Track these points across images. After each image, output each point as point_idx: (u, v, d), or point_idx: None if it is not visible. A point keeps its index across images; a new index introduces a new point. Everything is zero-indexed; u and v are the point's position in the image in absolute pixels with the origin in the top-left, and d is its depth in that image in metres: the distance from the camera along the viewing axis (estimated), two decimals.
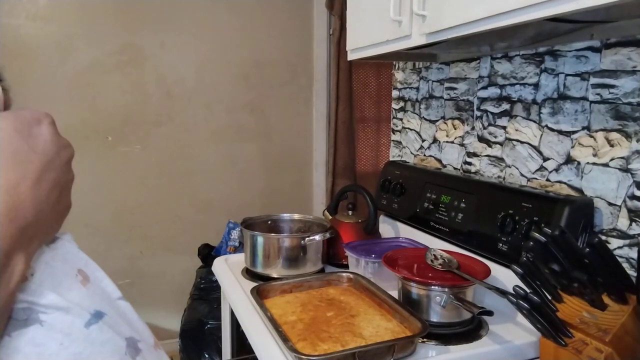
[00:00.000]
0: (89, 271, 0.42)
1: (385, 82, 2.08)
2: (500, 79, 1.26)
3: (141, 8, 2.05)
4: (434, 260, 1.06)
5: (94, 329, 0.37)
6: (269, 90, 2.21)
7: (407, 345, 0.90)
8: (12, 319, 0.34)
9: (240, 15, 2.16)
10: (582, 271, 0.74)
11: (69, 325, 0.36)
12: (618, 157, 0.96)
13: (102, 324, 0.38)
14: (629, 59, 0.94)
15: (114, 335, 0.39)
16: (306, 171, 2.33)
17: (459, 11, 0.87)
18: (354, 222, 1.44)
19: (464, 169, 1.40)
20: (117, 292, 0.43)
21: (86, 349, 0.36)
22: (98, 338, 0.37)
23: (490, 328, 1.00)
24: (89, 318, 0.38)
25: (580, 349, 0.79)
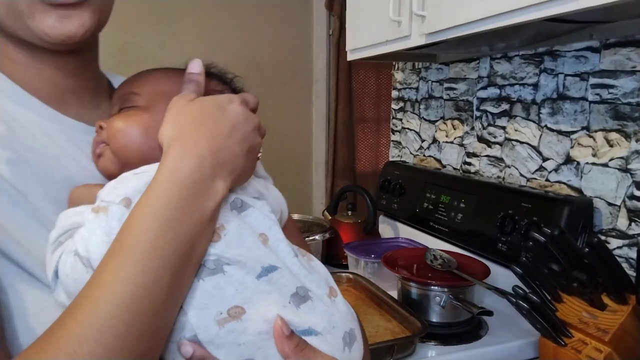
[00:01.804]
0: (271, 234, 0.52)
1: (384, 82, 2.08)
2: (499, 79, 1.26)
3: (141, 8, 2.05)
4: (434, 260, 1.06)
5: (263, 281, 0.47)
6: (269, 91, 2.21)
7: (406, 345, 0.90)
8: (204, 267, 0.46)
9: (239, 16, 2.16)
10: (582, 271, 0.74)
11: (243, 276, 0.47)
12: (617, 157, 0.96)
13: (271, 277, 0.48)
14: (628, 59, 0.94)
15: (281, 286, 0.48)
16: (306, 171, 2.33)
17: (459, 11, 0.87)
18: (354, 222, 1.44)
19: (464, 169, 1.40)
20: (292, 252, 0.52)
21: (254, 295, 0.46)
22: (265, 288, 0.47)
23: (489, 328, 1.00)
24: (260, 271, 0.48)
25: (579, 349, 0.79)
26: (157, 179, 0.45)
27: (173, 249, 0.43)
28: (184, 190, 0.44)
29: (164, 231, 0.42)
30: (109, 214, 0.45)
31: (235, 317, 0.45)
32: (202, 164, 0.46)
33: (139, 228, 0.42)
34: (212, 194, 0.46)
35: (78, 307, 0.40)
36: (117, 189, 0.47)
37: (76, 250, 0.44)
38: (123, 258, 0.41)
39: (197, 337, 0.44)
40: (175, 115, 0.49)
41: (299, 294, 0.49)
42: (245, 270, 0.47)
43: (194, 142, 0.46)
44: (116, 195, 0.47)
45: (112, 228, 0.44)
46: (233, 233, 0.48)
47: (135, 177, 0.48)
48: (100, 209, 0.46)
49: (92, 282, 0.41)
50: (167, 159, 0.45)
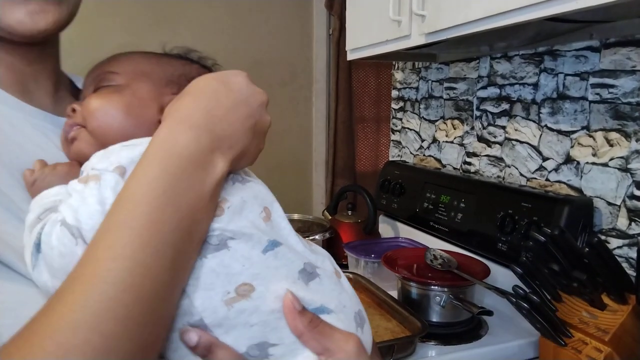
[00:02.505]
0: (273, 210, 0.49)
1: (384, 82, 2.08)
2: (499, 78, 1.26)
3: (141, 8, 2.05)
4: (434, 260, 1.06)
5: (270, 255, 0.45)
6: (269, 90, 2.20)
7: (406, 345, 0.90)
8: (207, 243, 0.43)
9: (239, 15, 2.16)
10: (582, 271, 0.74)
11: (249, 251, 0.44)
12: (617, 156, 0.96)
13: (277, 252, 0.45)
14: (628, 59, 0.94)
15: (288, 261, 0.46)
16: (306, 171, 2.33)
17: (458, 11, 0.87)
18: (354, 222, 1.44)
19: (464, 168, 1.40)
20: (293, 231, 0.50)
21: (262, 271, 0.44)
22: (273, 263, 0.44)
23: (489, 328, 1.00)
24: (266, 245, 0.45)
25: (579, 349, 0.79)
26: (151, 150, 0.41)
27: (174, 223, 0.39)
28: (181, 161, 0.41)
29: (163, 204, 0.39)
30: (101, 182, 0.42)
31: (244, 295, 0.42)
32: (199, 134, 0.42)
33: (135, 200, 0.39)
34: (210, 168, 0.42)
35: (69, 288, 0.36)
36: (109, 158, 0.44)
37: (63, 220, 0.40)
38: (119, 233, 0.37)
39: (204, 321, 0.41)
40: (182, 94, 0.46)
41: (306, 270, 0.46)
42: (251, 244, 0.44)
43: (190, 114, 0.43)
44: (109, 163, 0.43)
45: (105, 197, 0.41)
46: (237, 204, 0.45)
47: (125, 148, 0.45)
48: (91, 178, 0.42)
49: (84, 259, 0.37)
50: (161, 130, 0.43)
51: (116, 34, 2.03)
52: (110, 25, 2.01)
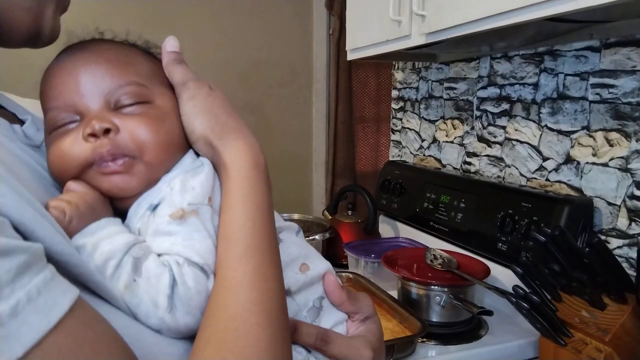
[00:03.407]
0: None
1: (384, 82, 2.08)
2: (499, 78, 1.26)
3: (141, 9, 2.05)
4: (434, 260, 1.06)
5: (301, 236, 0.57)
6: (269, 90, 2.21)
7: (406, 345, 0.90)
8: None
9: (239, 15, 2.16)
10: (582, 271, 0.74)
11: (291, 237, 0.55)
12: (617, 156, 0.96)
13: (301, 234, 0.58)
14: (628, 59, 0.94)
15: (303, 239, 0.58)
16: (306, 171, 2.33)
17: (459, 11, 0.87)
18: (354, 222, 1.44)
19: (464, 168, 1.40)
20: None
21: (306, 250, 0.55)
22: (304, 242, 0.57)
23: (490, 328, 1.00)
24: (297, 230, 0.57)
25: (579, 349, 0.79)
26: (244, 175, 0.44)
27: (274, 234, 0.45)
28: (267, 185, 0.46)
29: (270, 226, 0.44)
30: (201, 216, 0.43)
31: (306, 270, 0.52)
32: (263, 158, 0.47)
33: (253, 226, 0.43)
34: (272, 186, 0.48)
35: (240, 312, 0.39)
36: (195, 189, 0.44)
37: (189, 260, 0.41)
38: (260, 256, 0.42)
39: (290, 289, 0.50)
40: (206, 107, 0.46)
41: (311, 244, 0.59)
42: (290, 232, 0.54)
43: (250, 136, 0.47)
44: (201, 196, 0.44)
45: (209, 230, 0.43)
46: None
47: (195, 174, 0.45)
48: (188, 214, 0.42)
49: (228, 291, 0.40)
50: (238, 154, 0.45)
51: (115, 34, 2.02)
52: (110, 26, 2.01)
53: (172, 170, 0.46)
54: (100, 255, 0.40)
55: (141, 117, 0.44)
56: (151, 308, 0.39)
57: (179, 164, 0.46)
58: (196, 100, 0.46)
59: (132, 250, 0.41)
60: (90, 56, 0.46)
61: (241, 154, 0.45)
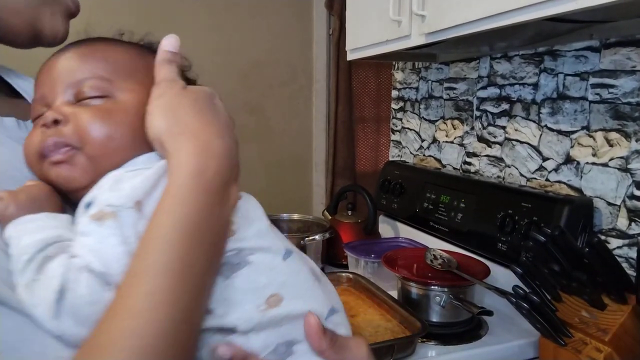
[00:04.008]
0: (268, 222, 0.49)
1: (384, 82, 2.07)
2: (499, 79, 1.26)
3: (140, 10, 2.05)
4: (434, 260, 1.06)
5: (290, 261, 0.46)
6: (269, 90, 2.21)
7: (406, 345, 0.90)
8: (227, 264, 0.42)
9: (239, 15, 2.16)
10: (582, 271, 0.74)
11: (271, 261, 0.45)
12: (617, 157, 0.96)
13: (293, 257, 0.47)
14: (628, 59, 0.94)
15: (303, 265, 0.47)
16: (306, 171, 2.33)
17: (459, 11, 0.87)
18: (354, 222, 1.44)
19: (464, 169, 1.40)
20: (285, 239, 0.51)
21: (288, 278, 0.45)
22: (294, 268, 0.46)
23: (489, 328, 1.00)
24: (284, 252, 0.46)
25: (579, 349, 0.79)
26: (179, 183, 0.39)
27: (205, 261, 0.38)
28: (210, 197, 0.39)
29: (192, 245, 0.38)
30: (119, 220, 0.39)
31: (275, 305, 0.43)
32: (222, 165, 0.41)
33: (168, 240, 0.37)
34: (229, 198, 0.42)
35: (116, 340, 0.34)
36: (123, 191, 0.41)
37: (88, 266, 0.38)
38: (156, 278, 0.36)
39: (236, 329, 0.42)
40: (170, 106, 0.42)
41: (315, 272, 0.48)
42: (271, 255, 0.45)
43: (208, 140, 0.41)
44: (126, 197, 0.40)
45: (127, 237, 0.39)
46: (243, 222, 0.45)
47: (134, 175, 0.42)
48: (107, 216, 0.39)
49: (119, 308, 0.35)
50: (183, 158, 0.40)
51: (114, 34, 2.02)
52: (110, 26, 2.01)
53: (120, 168, 0.44)
54: (16, 249, 0.39)
55: (92, 110, 0.44)
56: (44, 311, 0.37)
57: (131, 162, 0.44)
58: (161, 99, 0.43)
59: (49, 248, 0.39)
60: (67, 52, 0.47)
61: (184, 159, 0.40)
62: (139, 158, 0.44)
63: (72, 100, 0.45)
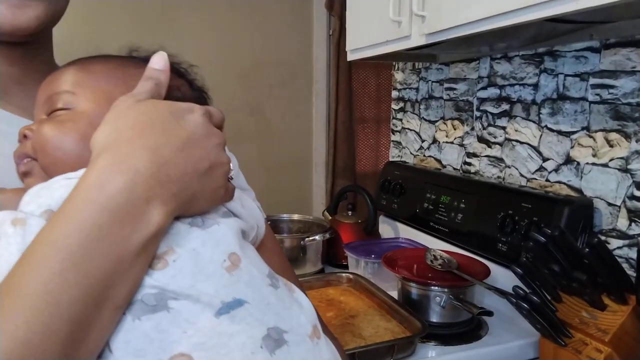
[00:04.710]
0: (243, 256, 0.42)
1: (384, 82, 2.08)
2: (499, 79, 1.26)
3: (140, 10, 2.05)
4: (434, 260, 1.06)
5: (224, 319, 0.37)
6: (269, 91, 2.21)
7: (406, 345, 0.90)
8: (142, 303, 0.36)
9: (239, 16, 2.16)
10: (582, 271, 0.74)
11: (195, 314, 0.37)
12: (617, 157, 0.96)
13: (236, 314, 0.38)
14: (628, 60, 0.94)
15: (250, 325, 0.38)
16: (306, 171, 2.33)
17: (459, 12, 0.87)
18: (354, 222, 1.44)
19: (464, 169, 1.40)
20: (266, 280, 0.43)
21: (211, 339, 0.37)
22: (227, 329, 0.37)
23: (490, 328, 1.00)
24: (221, 307, 0.38)
25: (579, 349, 0.79)
26: (72, 196, 0.35)
27: (74, 294, 0.32)
28: (103, 216, 0.34)
29: (64, 270, 0.32)
30: (26, 228, 0.36)
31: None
32: (135, 180, 0.35)
33: (34, 262, 0.33)
34: (143, 222, 0.35)
35: None
36: (41, 198, 0.38)
37: None
38: (9, 300, 0.32)
39: None
40: (114, 117, 0.40)
41: (271, 336, 0.39)
42: (200, 307, 0.37)
43: (129, 153, 0.36)
44: (37, 205, 0.38)
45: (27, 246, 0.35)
46: (186, 258, 0.38)
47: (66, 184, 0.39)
48: (18, 222, 0.37)
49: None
50: (90, 171, 0.36)
51: (114, 35, 2.03)
52: (110, 26, 2.01)
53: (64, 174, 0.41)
54: None
55: (48, 122, 0.45)
56: None
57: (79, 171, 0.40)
58: (111, 111, 0.40)
59: None
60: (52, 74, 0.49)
61: (90, 171, 0.36)
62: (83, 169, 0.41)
63: (44, 116, 0.47)
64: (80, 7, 1.98)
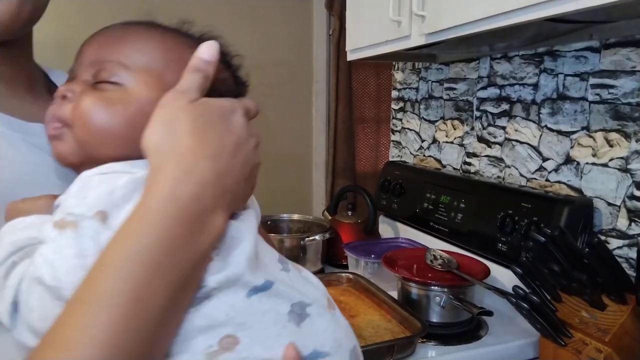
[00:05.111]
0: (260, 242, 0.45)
1: (384, 82, 2.08)
2: (499, 79, 1.26)
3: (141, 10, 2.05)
4: (434, 260, 1.06)
5: (255, 299, 0.40)
6: (269, 90, 2.21)
7: (406, 345, 0.90)
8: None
9: (239, 15, 2.16)
10: (582, 271, 0.74)
11: (232, 297, 0.40)
12: (617, 157, 0.96)
13: (263, 294, 0.41)
14: (628, 59, 0.94)
15: (276, 303, 0.42)
16: (306, 171, 2.33)
17: (458, 11, 0.87)
18: (354, 222, 1.44)
19: (464, 169, 1.40)
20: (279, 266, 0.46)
21: (248, 319, 0.40)
22: (258, 308, 0.40)
23: (489, 328, 1.00)
24: (250, 289, 0.41)
25: (579, 349, 0.79)
26: (149, 206, 0.36)
27: (162, 297, 0.34)
28: (182, 227, 0.36)
29: (152, 277, 0.34)
30: (79, 231, 0.36)
31: (228, 348, 0.38)
32: (204, 192, 0.37)
33: (121, 269, 0.34)
34: (209, 228, 0.38)
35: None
36: (87, 199, 0.38)
37: (40, 279, 0.35)
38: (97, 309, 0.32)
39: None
40: (170, 119, 0.39)
41: (295, 311, 0.42)
42: (234, 290, 0.40)
43: (195, 162, 0.38)
44: (87, 206, 0.38)
45: (84, 249, 0.36)
46: (224, 249, 0.41)
47: (104, 182, 0.39)
48: (67, 224, 0.37)
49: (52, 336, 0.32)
50: (160, 180, 0.37)
51: None
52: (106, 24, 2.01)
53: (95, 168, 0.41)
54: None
55: (97, 95, 0.43)
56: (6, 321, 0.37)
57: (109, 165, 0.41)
58: (162, 110, 0.40)
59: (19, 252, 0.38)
60: (104, 31, 0.48)
61: (161, 179, 0.37)
62: (119, 163, 0.41)
63: (90, 80, 0.44)
64: (80, 9, 1.98)
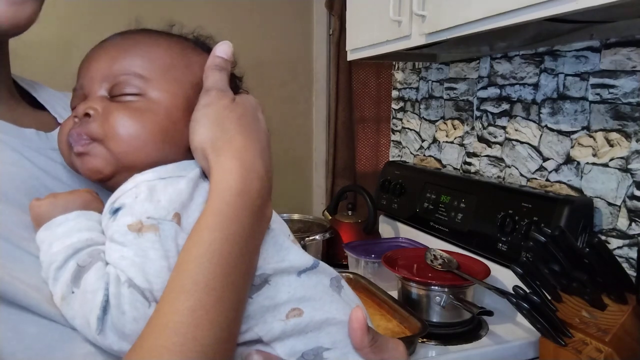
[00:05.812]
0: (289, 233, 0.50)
1: (385, 82, 2.07)
2: (499, 79, 1.26)
3: (141, 10, 2.05)
4: (434, 260, 1.06)
5: (304, 277, 0.46)
6: (269, 90, 2.21)
7: (406, 345, 0.89)
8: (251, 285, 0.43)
9: (239, 15, 2.16)
10: (582, 271, 0.74)
11: (287, 279, 0.45)
12: (618, 157, 0.96)
13: (310, 272, 0.47)
14: (628, 59, 0.94)
15: (320, 278, 0.48)
16: (306, 171, 2.33)
17: (459, 11, 0.87)
18: (354, 222, 1.44)
19: (464, 169, 1.40)
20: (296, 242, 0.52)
21: (307, 292, 0.45)
22: (309, 282, 0.46)
23: (490, 328, 1.00)
24: (299, 270, 0.46)
25: (580, 349, 0.79)
26: (225, 201, 0.40)
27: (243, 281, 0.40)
28: (252, 217, 0.41)
29: (236, 262, 0.39)
30: (161, 234, 0.38)
31: (297, 315, 0.44)
32: (263, 185, 0.42)
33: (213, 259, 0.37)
34: (265, 218, 0.43)
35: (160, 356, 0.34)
36: (161, 202, 0.40)
37: (131, 281, 0.37)
38: (200, 296, 0.36)
39: (262, 339, 0.43)
40: (218, 117, 0.43)
41: (334, 283, 0.49)
42: (287, 273, 0.45)
43: (253, 160, 0.42)
44: (164, 209, 0.40)
45: (168, 251, 0.38)
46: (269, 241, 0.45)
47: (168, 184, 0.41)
48: (147, 228, 0.38)
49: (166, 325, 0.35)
50: (227, 176, 0.41)
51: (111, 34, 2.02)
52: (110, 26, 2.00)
53: (147, 171, 0.43)
54: (45, 256, 0.39)
55: (123, 107, 0.44)
56: (85, 325, 0.37)
57: (161, 167, 0.43)
58: (209, 109, 0.43)
59: (80, 255, 0.39)
60: (109, 43, 0.48)
61: (229, 176, 0.41)
62: (169, 165, 0.44)
63: (106, 95, 0.45)
64: (80, 9, 1.98)
